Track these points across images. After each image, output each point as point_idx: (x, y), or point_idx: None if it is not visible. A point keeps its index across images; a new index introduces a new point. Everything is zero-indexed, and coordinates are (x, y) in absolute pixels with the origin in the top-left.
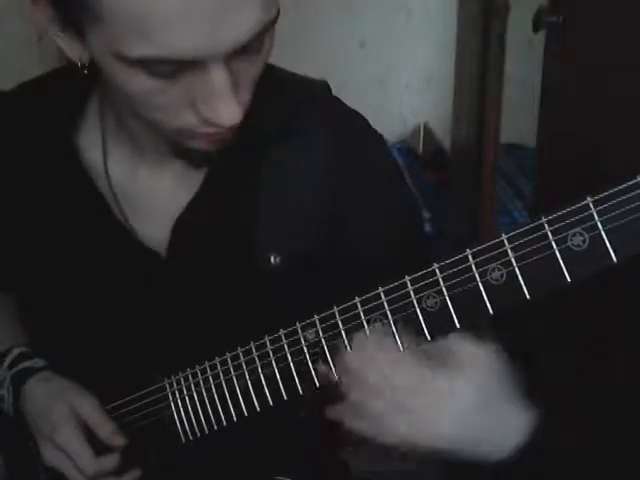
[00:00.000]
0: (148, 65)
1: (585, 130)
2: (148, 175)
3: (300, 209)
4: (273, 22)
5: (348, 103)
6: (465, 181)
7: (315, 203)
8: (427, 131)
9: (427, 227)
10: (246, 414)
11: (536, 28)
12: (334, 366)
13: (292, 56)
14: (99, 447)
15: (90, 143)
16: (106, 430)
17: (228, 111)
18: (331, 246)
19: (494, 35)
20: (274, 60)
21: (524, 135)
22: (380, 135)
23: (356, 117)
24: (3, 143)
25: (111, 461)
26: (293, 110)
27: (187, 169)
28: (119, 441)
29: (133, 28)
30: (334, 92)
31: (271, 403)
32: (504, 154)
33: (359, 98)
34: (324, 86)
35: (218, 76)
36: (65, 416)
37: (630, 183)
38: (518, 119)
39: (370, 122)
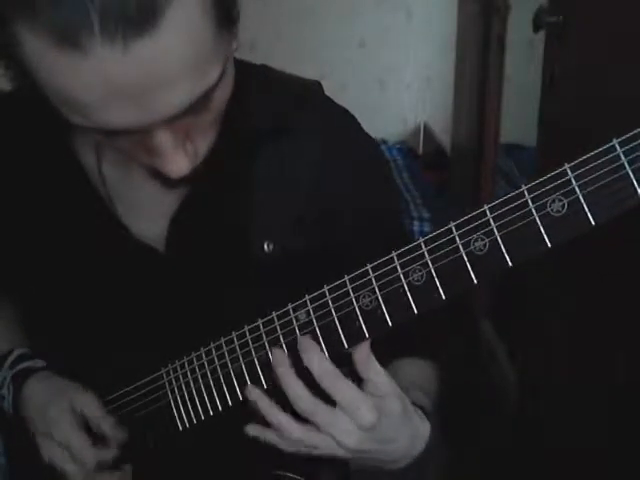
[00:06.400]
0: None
1: (585, 130)
2: (141, 175)
3: (293, 203)
4: (214, 87)
5: (348, 103)
6: (465, 181)
7: (307, 199)
8: (427, 131)
9: (427, 227)
10: (240, 398)
11: (536, 28)
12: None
13: (292, 56)
14: (96, 441)
15: (84, 144)
16: (107, 424)
17: (175, 166)
18: (323, 239)
19: (494, 35)
20: (274, 59)
21: (524, 135)
22: (369, 135)
23: (347, 116)
24: (2, 143)
25: (110, 453)
26: (286, 109)
27: None
28: (120, 435)
29: (65, 105)
30: (334, 92)
31: (265, 386)
32: (504, 154)
33: (359, 98)
34: (317, 86)
35: (160, 138)
36: (63, 411)
37: (605, 147)
38: (518, 119)
39: (370, 122)
